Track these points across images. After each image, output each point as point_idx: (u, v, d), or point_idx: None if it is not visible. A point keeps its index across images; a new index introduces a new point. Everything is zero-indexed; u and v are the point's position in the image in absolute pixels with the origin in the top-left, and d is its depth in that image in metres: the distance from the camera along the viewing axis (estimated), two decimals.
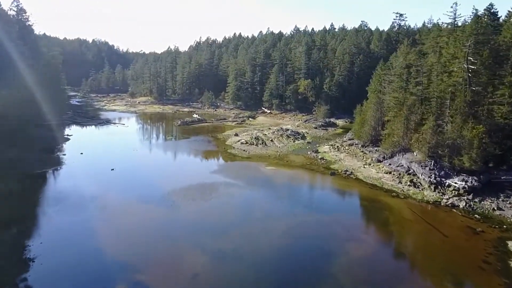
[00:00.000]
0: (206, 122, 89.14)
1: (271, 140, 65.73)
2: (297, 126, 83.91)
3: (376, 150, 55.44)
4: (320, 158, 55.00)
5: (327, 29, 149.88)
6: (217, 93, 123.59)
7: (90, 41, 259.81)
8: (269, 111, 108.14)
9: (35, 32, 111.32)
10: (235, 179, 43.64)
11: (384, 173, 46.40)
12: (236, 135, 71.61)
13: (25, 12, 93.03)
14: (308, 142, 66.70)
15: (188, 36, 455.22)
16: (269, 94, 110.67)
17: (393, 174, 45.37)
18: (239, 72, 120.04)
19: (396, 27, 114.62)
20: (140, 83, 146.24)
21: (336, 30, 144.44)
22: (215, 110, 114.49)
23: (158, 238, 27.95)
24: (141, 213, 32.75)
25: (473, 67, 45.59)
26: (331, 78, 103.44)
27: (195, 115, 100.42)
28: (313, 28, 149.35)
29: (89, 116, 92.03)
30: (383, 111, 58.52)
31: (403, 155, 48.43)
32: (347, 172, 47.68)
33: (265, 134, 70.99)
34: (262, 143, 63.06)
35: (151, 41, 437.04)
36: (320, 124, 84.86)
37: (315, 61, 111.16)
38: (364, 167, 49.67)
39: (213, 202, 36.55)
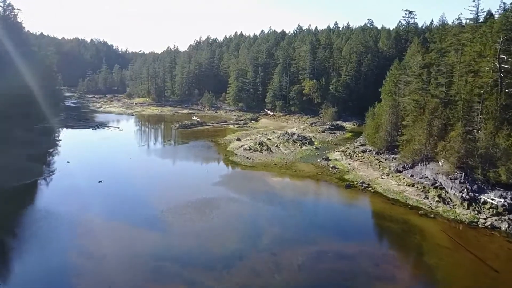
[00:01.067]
0: (206, 125, 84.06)
1: (277, 146, 60.59)
2: (303, 130, 78.75)
3: (393, 158, 50.31)
4: (332, 167, 49.80)
5: (331, 28, 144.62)
6: (217, 94, 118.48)
7: (89, 40, 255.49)
8: (272, 113, 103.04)
9: (26, 30, 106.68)
10: (239, 193, 38.52)
11: (406, 185, 41.23)
12: (238, 139, 66.51)
13: (14, 8, 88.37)
14: (316, 148, 61.53)
15: (188, 35, 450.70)
16: (272, 95, 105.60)
17: (417, 187, 40.21)
18: (241, 72, 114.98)
19: (405, 25, 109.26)
20: (138, 83, 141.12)
21: (340, 29, 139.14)
22: (216, 112, 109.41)
23: (144, 275, 22.80)
24: (128, 240, 27.57)
25: (506, 66, 40.48)
26: (338, 78, 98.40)
27: (194, 118, 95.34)
28: (316, 27, 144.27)
29: (82, 119, 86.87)
30: (400, 115, 53.41)
31: (426, 165, 43.29)
32: (364, 184, 42.52)
33: (270, 139, 65.86)
34: (267, 149, 57.90)
35: (151, 41, 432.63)
36: (328, 127, 79.73)
37: (321, 61, 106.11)
38: (382, 178, 44.51)
39: (214, 223, 31.42)
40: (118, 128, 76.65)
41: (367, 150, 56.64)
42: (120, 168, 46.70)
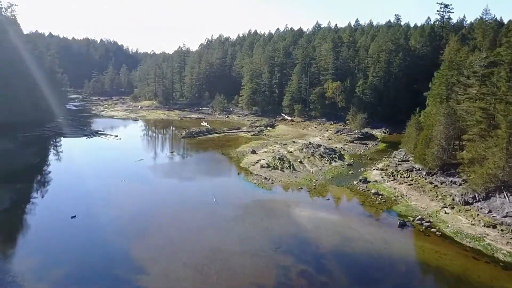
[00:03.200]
0: (217, 133, 73.91)
1: (300, 162, 50.02)
2: (329, 140, 67.94)
3: (452, 182, 39.28)
4: (375, 194, 38.96)
5: (352, 25, 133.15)
6: (229, 97, 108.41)
7: (98, 41, 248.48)
8: (290, 118, 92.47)
9: (26, 30, 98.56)
10: (258, 240, 27.82)
11: (485, 226, 30.24)
12: (254, 152, 56.16)
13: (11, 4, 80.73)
14: (349, 165, 50.78)
15: (199, 35, 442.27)
16: (290, 98, 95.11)
17: (502, 230, 29.23)
18: (255, 73, 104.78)
19: (440, 20, 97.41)
20: (144, 85, 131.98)
21: (364, 26, 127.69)
22: (228, 117, 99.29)
23: None
24: None
25: None
26: (364, 80, 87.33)
27: (204, 123, 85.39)
28: (336, 25, 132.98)
29: (78, 125, 77.60)
30: (459, 126, 42.45)
31: (508, 196, 32.28)
32: (424, 222, 31.67)
33: (291, 152, 55.36)
34: (289, 166, 47.34)
35: (162, 41, 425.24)
36: (357, 136, 68.84)
37: (344, 60, 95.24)
38: (445, 213, 33.59)
39: None
40: (116, 136, 67.00)
41: (414, 169, 45.67)
42: (104, 196, 36.38)
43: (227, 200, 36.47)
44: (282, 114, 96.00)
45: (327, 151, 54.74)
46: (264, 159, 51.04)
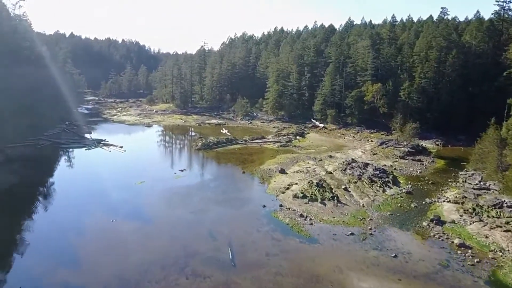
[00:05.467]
0: (238, 143, 63.11)
1: (345, 189, 38.42)
2: (373, 154, 55.91)
3: None
4: (460, 246, 27.07)
5: (388, 21, 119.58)
6: (253, 100, 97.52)
7: (120, 41, 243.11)
8: (322, 125, 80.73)
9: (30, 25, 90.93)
10: None
11: None
12: (283, 171, 44.98)
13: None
14: (408, 193, 38.80)
15: (222, 34, 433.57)
16: (322, 102, 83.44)
17: None
18: (282, 73, 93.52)
19: (500, 11, 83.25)
20: (162, 87, 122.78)
21: (404, 21, 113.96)
22: (250, 123, 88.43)
23: None
24: None
25: None
26: (410, 81, 74.69)
27: (223, 131, 74.87)
28: (371, 20, 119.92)
29: (82, 132, 68.50)
30: None
31: None
32: None
33: (330, 173, 43.87)
34: (332, 197, 35.79)
35: (184, 41, 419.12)
36: (407, 150, 56.49)
37: (385, 59, 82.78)
38: None
39: None
40: (121, 148, 57.16)
41: (504, 204, 33.44)
42: (84, 249, 25.88)
43: (248, 254, 25.35)
44: (312, 120, 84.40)
45: (377, 172, 42.89)
46: (297, 183, 39.77)
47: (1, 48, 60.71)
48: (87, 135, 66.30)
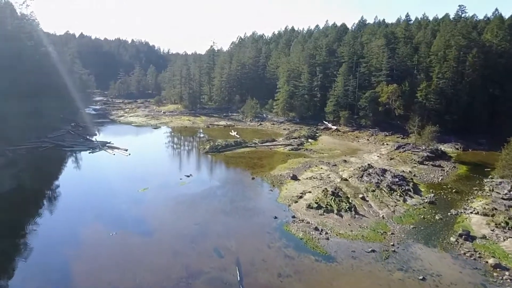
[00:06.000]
0: (247, 146, 60.60)
1: (363, 198, 35.60)
2: (390, 159, 52.87)
3: None
4: (495, 266, 24.15)
5: (402, 19, 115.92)
6: (263, 101, 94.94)
7: (130, 41, 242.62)
8: (335, 127, 77.72)
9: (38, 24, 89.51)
10: None
11: None
12: (295, 178, 42.35)
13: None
14: (430, 203, 35.81)
15: (232, 34, 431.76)
16: (334, 104, 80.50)
17: None
18: (293, 73, 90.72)
19: None
20: (171, 87, 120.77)
21: (419, 19, 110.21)
22: (260, 124, 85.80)
23: None
24: None
25: None
26: (428, 82, 71.38)
27: (232, 133, 72.42)
28: (384, 19, 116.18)
29: (87, 134, 66.71)
30: None
31: None
32: None
33: (345, 180, 41.10)
34: (349, 207, 32.98)
35: (194, 41, 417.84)
36: (426, 155, 53.34)
37: (401, 59, 79.53)
38: None
39: None
40: (126, 151, 55.04)
41: None
42: (77, 267, 23.46)
43: (259, 275, 22.73)
44: (324, 122, 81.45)
45: (397, 179, 39.94)
46: (310, 191, 37.07)
47: (5, 47, 59.28)
48: (92, 137, 64.49)
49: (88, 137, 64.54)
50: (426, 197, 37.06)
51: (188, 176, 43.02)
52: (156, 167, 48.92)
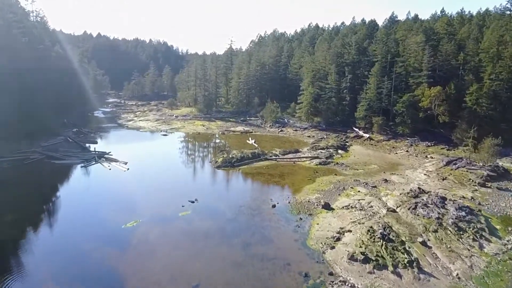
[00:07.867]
0: (266, 159, 51.83)
1: (423, 243, 26.15)
2: (442, 179, 42.95)
3: None
4: None
5: (437, 14, 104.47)
6: (284, 104, 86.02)
7: (147, 41, 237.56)
8: (367, 135, 68.02)
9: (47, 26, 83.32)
10: None
11: None
12: (327, 206, 33.31)
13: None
14: None
15: (251, 33, 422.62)
16: (366, 108, 70.82)
17: None
18: (318, 74, 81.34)
19: None
20: (186, 89, 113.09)
21: (461, 13, 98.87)
22: (281, 130, 76.86)
23: None
24: None
25: None
26: (479, 85, 60.97)
27: (250, 141, 63.86)
28: (417, 15, 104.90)
29: (85, 142, 59.32)
30: None
31: None
32: None
33: (394, 211, 31.70)
34: (409, 261, 23.62)
35: (213, 40, 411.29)
36: (486, 174, 43.23)
37: (444, 57, 69.15)
38: None
39: None
40: (125, 164, 47.06)
41: None
42: None
43: None
44: (355, 128, 71.88)
45: (463, 214, 30.22)
46: (350, 230, 27.87)
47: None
48: (91, 146, 56.93)
49: (86, 145, 57.08)
50: (508, 241, 27.34)
51: (192, 202, 34.41)
52: (155, 187, 40.14)
